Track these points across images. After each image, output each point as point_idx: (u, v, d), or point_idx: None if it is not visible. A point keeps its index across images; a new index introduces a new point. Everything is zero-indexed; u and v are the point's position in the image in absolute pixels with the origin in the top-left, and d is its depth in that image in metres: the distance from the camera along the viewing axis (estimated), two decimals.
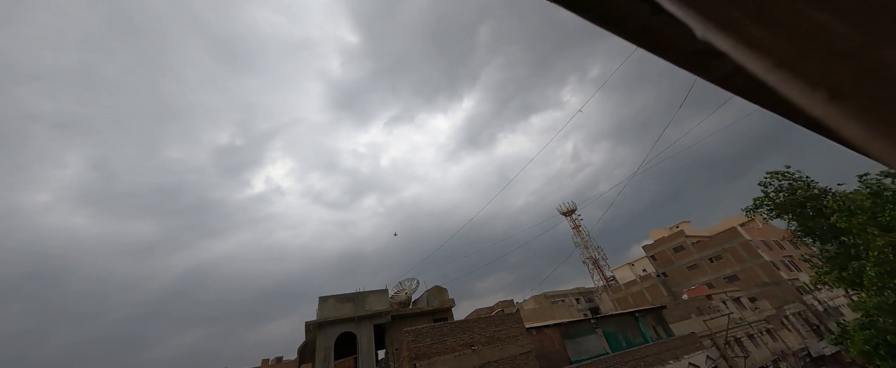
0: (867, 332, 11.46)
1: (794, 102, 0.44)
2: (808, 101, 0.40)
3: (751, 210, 14.73)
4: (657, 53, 0.63)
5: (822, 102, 0.39)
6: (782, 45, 0.38)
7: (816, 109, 0.41)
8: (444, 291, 20.47)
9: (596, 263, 50.85)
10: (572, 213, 54.74)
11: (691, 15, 0.42)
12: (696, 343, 19.46)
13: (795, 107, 0.74)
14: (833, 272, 12.47)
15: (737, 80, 0.68)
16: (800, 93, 0.40)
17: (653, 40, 0.59)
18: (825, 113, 0.41)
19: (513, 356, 12.49)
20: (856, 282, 11.57)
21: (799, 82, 0.39)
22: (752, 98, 0.75)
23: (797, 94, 0.41)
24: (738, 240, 37.48)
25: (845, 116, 0.40)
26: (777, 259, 36.79)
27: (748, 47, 0.39)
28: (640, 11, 0.54)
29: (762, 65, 0.40)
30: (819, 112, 0.42)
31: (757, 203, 14.50)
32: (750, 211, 14.80)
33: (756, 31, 0.38)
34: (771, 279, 34.27)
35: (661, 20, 0.55)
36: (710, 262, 39.50)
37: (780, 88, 0.43)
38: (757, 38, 0.38)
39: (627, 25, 0.57)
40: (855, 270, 11.23)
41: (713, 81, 0.74)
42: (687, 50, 0.61)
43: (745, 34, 0.39)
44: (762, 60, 0.40)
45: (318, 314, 15.95)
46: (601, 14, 0.55)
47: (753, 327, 26.70)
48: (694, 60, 0.66)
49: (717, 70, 0.70)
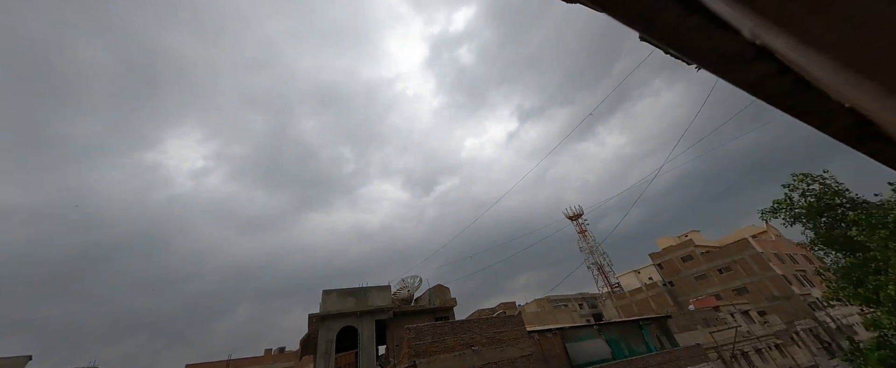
0: (882, 352, 11.09)
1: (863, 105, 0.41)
2: (880, 105, 0.37)
3: (768, 213, 14.08)
4: (685, 56, 0.61)
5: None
6: (855, 45, 0.35)
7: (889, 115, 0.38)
8: (446, 290, 20.49)
9: (601, 269, 50.28)
10: (578, 217, 54.19)
11: (746, 14, 0.39)
12: (702, 355, 19.09)
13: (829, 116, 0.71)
14: (848, 287, 12.04)
15: (768, 86, 0.66)
16: (871, 96, 0.37)
17: (682, 42, 0.57)
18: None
19: (513, 358, 12.44)
20: (872, 299, 11.17)
21: (872, 85, 0.36)
22: (783, 106, 0.72)
23: (868, 98, 0.38)
24: (748, 251, 36.61)
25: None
26: (789, 273, 35.84)
27: (812, 48, 0.36)
28: (672, 12, 0.52)
29: (828, 67, 0.37)
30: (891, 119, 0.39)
31: (776, 206, 13.85)
32: (767, 214, 14.15)
33: (823, 31, 0.36)
34: (782, 294, 33.40)
35: (692, 21, 0.52)
36: (718, 273, 38.68)
37: (846, 92, 0.41)
38: (824, 38, 0.35)
39: (657, 26, 0.55)
40: (873, 286, 10.84)
41: (741, 87, 0.72)
42: (717, 53, 0.58)
43: (809, 34, 0.36)
44: (829, 61, 0.37)
45: (322, 308, 16.11)
46: (631, 14, 0.53)
47: (762, 341, 26.07)
48: (723, 64, 0.64)
49: (746, 75, 0.67)
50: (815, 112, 0.65)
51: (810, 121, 0.72)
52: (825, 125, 0.71)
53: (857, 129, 0.57)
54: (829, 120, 0.66)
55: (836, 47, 0.35)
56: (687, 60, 0.75)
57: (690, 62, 0.75)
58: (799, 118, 0.73)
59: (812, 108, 0.66)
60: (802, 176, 13.46)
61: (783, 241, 41.05)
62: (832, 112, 0.60)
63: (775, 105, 0.72)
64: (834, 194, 12.86)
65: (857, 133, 0.58)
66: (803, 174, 13.49)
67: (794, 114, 0.72)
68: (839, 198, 12.79)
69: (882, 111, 0.38)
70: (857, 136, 0.61)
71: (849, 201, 12.67)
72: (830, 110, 0.57)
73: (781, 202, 13.75)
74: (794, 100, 0.64)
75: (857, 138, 0.59)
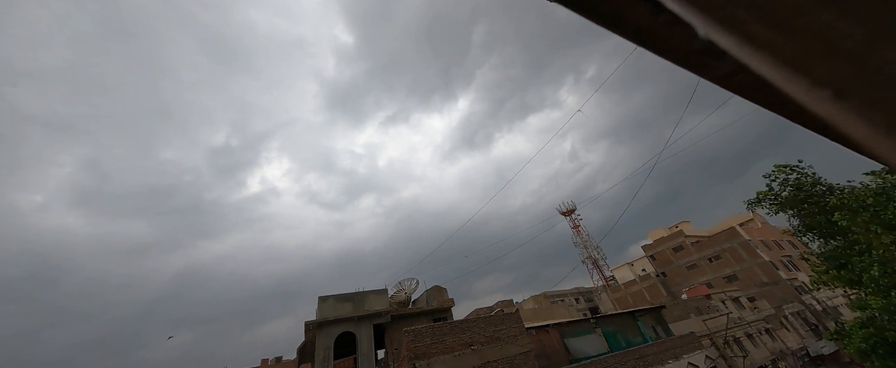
0: (865, 331, 11.47)
1: (798, 101, 0.44)
2: (813, 100, 0.40)
3: (753, 203, 14.64)
4: (657, 53, 0.63)
5: (827, 100, 0.39)
6: (787, 43, 0.38)
7: (820, 108, 0.41)
8: (443, 291, 20.46)
9: (595, 263, 50.90)
10: (572, 213, 54.78)
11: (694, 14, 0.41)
12: (696, 343, 19.49)
13: (798, 106, 0.73)
14: (831, 270, 12.44)
15: (738, 79, 0.68)
16: (804, 92, 0.40)
17: (653, 40, 0.59)
18: (829, 112, 0.41)
19: (512, 355, 12.50)
20: (855, 280, 11.56)
21: (804, 81, 0.39)
22: (753, 98, 0.75)
23: (802, 93, 0.40)
24: (737, 240, 37.53)
25: (849, 116, 0.40)
26: (776, 259, 36.85)
27: (752, 46, 0.39)
28: (641, 11, 0.53)
29: (766, 64, 0.40)
30: (823, 111, 0.42)
31: (760, 197, 14.40)
32: (752, 204, 14.70)
33: (761, 30, 0.38)
34: (770, 279, 34.32)
35: (662, 20, 0.54)
36: (709, 262, 39.54)
37: (784, 87, 0.43)
38: (761, 36, 0.38)
39: (628, 25, 0.56)
40: (855, 268, 11.22)
41: (713, 81, 0.74)
42: (688, 49, 0.60)
43: (749, 33, 0.39)
44: (766, 58, 0.40)
45: (318, 314, 15.93)
46: (602, 13, 0.54)
47: (752, 326, 26.74)
48: (694, 59, 0.66)
49: (717, 70, 0.69)
50: (783, 103, 0.68)
51: (781, 112, 0.75)
52: (795, 115, 0.74)
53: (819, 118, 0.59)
54: (797, 110, 0.69)
55: (774, 46, 0.38)
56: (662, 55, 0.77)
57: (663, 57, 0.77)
58: (770, 109, 0.76)
59: (780, 99, 0.68)
60: (782, 167, 14.03)
61: (769, 228, 42.16)
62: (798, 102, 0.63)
63: (747, 98, 0.75)
64: (812, 183, 13.42)
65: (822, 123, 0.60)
66: (783, 165, 14.05)
67: (765, 105, 0.75)
68: (818, 186, 13.32)
69: (817, 108, 0.41)
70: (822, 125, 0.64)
71: (827, 188, 13.19)
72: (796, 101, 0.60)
73: (765, 193, 14.27)
74: (762, 92, 0.66)
75: (821, 126, 0.61)
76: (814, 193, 13.19)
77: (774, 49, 0.38)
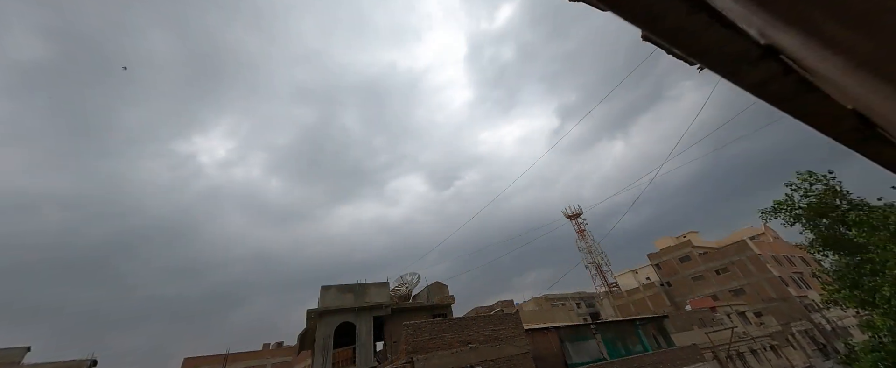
0: (876, 354, 11.15)
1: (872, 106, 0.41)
2: (891, 106, 0.37)
3: (769, 213, 14.00)
4: (690, 55, 0.61)
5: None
6: (869, 44, 0.35)
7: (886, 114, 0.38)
8: (444, 287, 20.54)
9: (599, 268, 50.43)
10: (578, 217, 54.26)
11: (756, 12, 0.39)
12: (697, 355, 19.21)
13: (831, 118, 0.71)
14: (844, 290, 12.06)
15: (771, 87, 0.66)
16: (882, 97, 0.37)
17: (686, 41, 0.57)
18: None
19: (510, 356, 12.50)
20: (868, 301, 11.21)
21: (884, 86, 0.36)
22: (785, 107, 0.72)
23: (879, 98, 0.37)
24: (746, 253, 36.75)
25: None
26: (786, 275, 36.00)
27: (823, 47, 0.36)
28: (677, 11, 0.52)
29: (840, 66, 0.37)
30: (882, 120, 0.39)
31: (776, 206, 13.75)
32: (767, 214, 14.05)
33: (836, 30, 0.36)
34: (779, 295, 33.56)
35: (698, 21, 0.52)
36: (716, 274, 38.83)
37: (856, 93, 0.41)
38: (837, 36, 0.35)
39: (662, 25, 0.54)
40: (869, 288, 10.87)
41: (745, 88, 0.72)
42: (722, 53, 0.58)
43: (821, 32, 0.36)
44: (841, 60, 0.37)
45: (320, 303, 16.16)
46: (636, 11, 0.53)
47: (757, 342, 26.23)
48: (728, 64, 0.64)
49: (750, 76, 0.67)
50: (817, 114, 0.65)
51: (812, 123, 0.73)
52: (826, 127, 0.71)
53: (858, 131, 0.57)
54: (830, 122, 0.67)
55: (848, 47, 0.35)
56: (690, 60, 0.75)
57: (694, 62, 0.75)
58: (801, 120, 0.73)
59: (814, 110, 0.66)
60: (808, 174, 13.34)
61: (781, 243, 41.18)
62: (834, 114, 0.60)
63: (778, 107, 0.72)
64: (835, 194, 12.80)
65: (859, 135, 0.58)
66: (809, 173, 13.37)
67: (796, 116, 0.72)
68: (841, 199, 12.74)
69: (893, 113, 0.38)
70: (859, 138, 0.61)
71: (849, 203, 12.64)
72: (832, 112, 0.57)
73: (782, 203, 13.68)
74: (796, 102, 0.64)
75: (858, 140, 0.59)
76: (833, 205, 12.64)
77: (852, 50, 0.36)
